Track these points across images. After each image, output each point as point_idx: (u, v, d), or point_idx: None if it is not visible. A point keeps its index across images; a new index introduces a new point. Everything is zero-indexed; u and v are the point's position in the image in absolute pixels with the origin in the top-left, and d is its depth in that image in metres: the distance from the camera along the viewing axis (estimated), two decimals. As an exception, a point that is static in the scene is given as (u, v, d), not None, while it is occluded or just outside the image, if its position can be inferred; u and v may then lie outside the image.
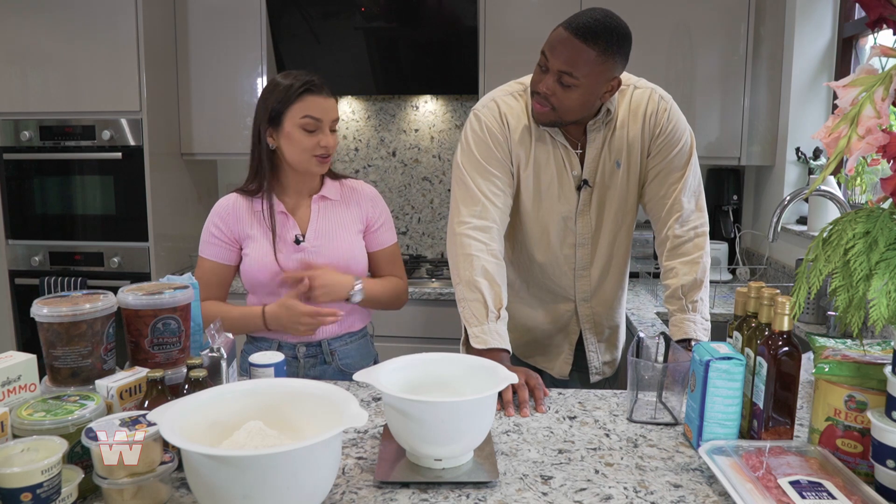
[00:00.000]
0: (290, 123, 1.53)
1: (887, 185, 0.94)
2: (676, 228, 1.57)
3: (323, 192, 1.65)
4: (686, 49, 2.64)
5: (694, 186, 1.59)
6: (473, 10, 2.71)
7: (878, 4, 0.97)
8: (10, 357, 1.07)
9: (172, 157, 2.90)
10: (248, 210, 1.62)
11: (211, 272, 1.63)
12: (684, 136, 1.57)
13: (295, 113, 1.52)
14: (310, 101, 1.52)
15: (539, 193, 1.60)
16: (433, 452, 1.06)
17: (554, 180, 1.59)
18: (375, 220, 1.69)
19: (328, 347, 1.66)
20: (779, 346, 1.09)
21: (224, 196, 1.66)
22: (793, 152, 2.59)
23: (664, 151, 1.57)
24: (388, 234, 1.72)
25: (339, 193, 1.67)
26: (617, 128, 1.57)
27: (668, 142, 1.56)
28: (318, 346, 1.65)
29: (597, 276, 1.69)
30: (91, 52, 2.67)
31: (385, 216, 1.71)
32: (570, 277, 1.68)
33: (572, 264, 1.67)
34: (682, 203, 1.57)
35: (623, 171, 1.59)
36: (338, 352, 1.67)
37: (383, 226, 1.71)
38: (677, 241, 1.58)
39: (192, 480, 0.90)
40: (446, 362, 1.21)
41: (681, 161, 1.57)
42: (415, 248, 3.24)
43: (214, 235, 1.62)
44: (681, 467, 1.10)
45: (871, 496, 0.93)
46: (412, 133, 3.17)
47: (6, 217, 2.82)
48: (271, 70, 2.89)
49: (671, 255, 1.58)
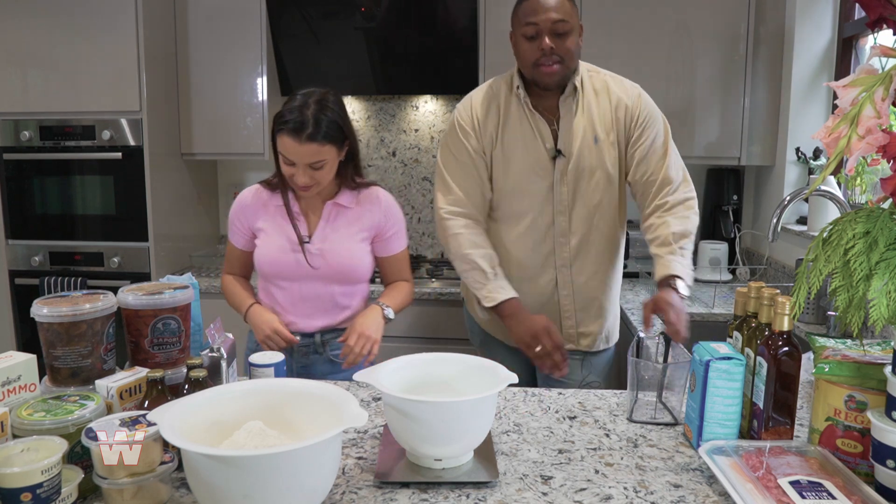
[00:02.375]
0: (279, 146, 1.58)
1: (887, 185, 0.94)
2: (668, 197, 1.69)
3: (337, 199, 1.69)
4: (686, 49, 2.64)
5: (678, 161, 1.73)
6: (473, 10, 2.71)
7: (878, 4, 0.97)
8: (10, 357, 1.07)
9: (172, 157, 2.90)
10: (265, 203, 1.71)
11: (232, 253, 1.80)
12: (659, 116, 1.73)
13: (277, 142, 1.58)
14: (285, 140, 1.55)
15: (512, 167, 1.72)
16: (433, 452, 1.06)
17: (527, 153, 1.71)
18: (388, 229, 1.73)
19: (321, 339, 1.72)
20: (779, 346, 1.09)
21: (248, 187, 1.77)
22: (793, 152, 2.59)
23: (646, 133, 1.70)
24: (399, 241, 1.77)
25: (355, 201, 1.71)
26: (591, 105, 1.70)
27: (647, 123, 1.70)
28: (311, 337, 1.72)
29: (576, 244, 1.75)
30: (91, 52, 2.67)
31: (398, 225, 1.76)
32: (549, 245, 1.76)
33: (552, 232, 1.75)
34: (670, 177, 1.69)
35: (601, 146, 1.70)
36: (329, 343, 1.73)
37: (396, 234, 1.75)
38: (669, 205, 1.69)
39: (192, 480, 0.90)
40: (446, 362, 1.21)
41: (661, 139, 1.71)
42: (415, 248, 3.24)
43: (234, 224, 1.76)
44: (681, 467, 1.10)
45: (871, 496, 0.93)
46: (412, 133, 3.17)
47: (6, 217, 2.81)
48: (271, 70, 2.89)
49: (662, 214, 1.68)
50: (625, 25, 2.63)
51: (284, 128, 1.53)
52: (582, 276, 1.78)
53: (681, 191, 1.70)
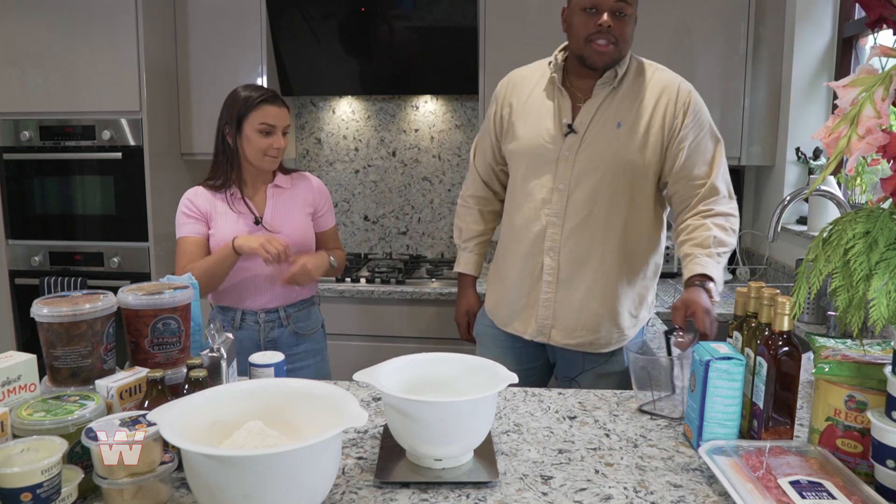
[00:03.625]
0: (250, 128, 1.81)
1: (887, 185, 0.94)
2: (714, 206, 1.63)
3: (276, 182, 1.92)
4: (686, 49, 2.64)
5: (727, 175, 1.67)
6: (473, 10, 2.71)
7: (878, 4, 0.97)
8: (10, 357, 1.07)
9: (172, 157, 2.90)
10: (211, 200, 1.87)
11: (193, 246, 1.83)
12: (708, 121, 1.67)
13: (253, 119, 1.81)
14: (266, 109, 1.81)
15: (525, 135, 1.71)
16: (433, 452, 1.06)
17: (539, 123, 1.69)
18: (321, 206, 1.99)
19: (284, 313, 1.92)
20: (779, 346, 1.09)
21: (189, 189, 1.90)
22: (793, 152, 2.59)
23: (692, 130, 1.63)
24: (331, 217, 2.04)
25: (291, 183, 1.95)
26: (628, 92, 1.64)
27: (695, 121, 1.63)
28: (276, 312, 1.92)
29: (569, 228, 1.65)
30: (91, 52, 2.66)
31: (328, 203, 2.03)
32: (542, 223, 1.67)
33: (547, 210, 1.67)
34: (718, 187, 1.64)
35: (624, 133, 1.62)
36: (292, 316, 1.94)
37: (328, 211, 2.03)
38: (714, 213, 1.62)
39: (192, 480, 0.90)
40: (446, 362, 1.21)
41: (710, 145, 1.65)
42: (415, 247, 3.24)
43: (187, 214, 1.85)
44: (681, 467, 1.10)
45: (871, 496, 0.93)
46: (412, 133, 3.17)
47: (6, 217, 2.81)
48: (271, 70, 2.88)
49: (703, 219, 1.62)
50: (625, 25, 2.63)
51: (262, 99, 1.81)
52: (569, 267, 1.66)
53: (726, 204, 1.64)
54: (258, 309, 1.90)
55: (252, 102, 1.81)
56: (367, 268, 2.87)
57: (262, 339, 1.91)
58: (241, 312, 1.90)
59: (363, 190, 3.24)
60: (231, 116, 1.82)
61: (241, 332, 1.89)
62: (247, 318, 1.90)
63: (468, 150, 3.11)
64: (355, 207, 3.25)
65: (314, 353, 2.01)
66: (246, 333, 1.90)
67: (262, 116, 1.80)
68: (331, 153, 3.23)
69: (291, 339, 1.95)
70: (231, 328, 1.89)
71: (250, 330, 1.91)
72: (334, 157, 3.23)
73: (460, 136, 3.13)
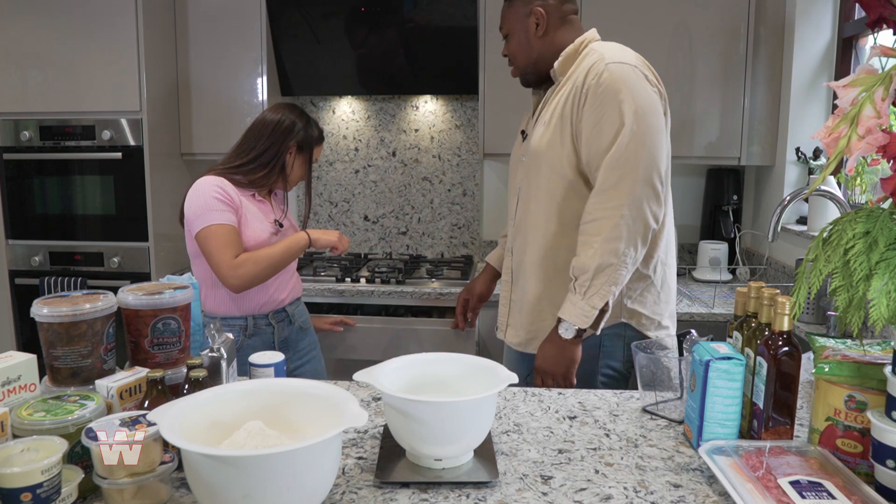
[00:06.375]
0: (307, 157, 1.97)
1: (887, 185, 0.94)
2: (588, 210, 1.51)
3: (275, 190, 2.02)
4: (686, 49, 2.64)
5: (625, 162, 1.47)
6: (473, 10, 2.71)
7: (878, 4, 0.97)
8: (10, 357, 1.07)
9: (172, 157, 2.90)
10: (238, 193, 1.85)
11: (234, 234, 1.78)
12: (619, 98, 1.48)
13: (315, 152, 1.99)
14: (321, 148, 2.03)
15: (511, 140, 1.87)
16: (433, 452, 1.06)
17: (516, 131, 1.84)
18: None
19: (291, 311, 1.99)
20: (779, 346, 1.09)
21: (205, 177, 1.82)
22: (793, 152, 2.59)
23: (596, 112, 1.50)
24: None
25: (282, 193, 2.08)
26: (563, 87, 1.63)
27: (598, 101, 1.50)
28: (283, 312, 1.97)
29: (515, 228, 1.74)
30: (91, 52, 2.66)
31: None
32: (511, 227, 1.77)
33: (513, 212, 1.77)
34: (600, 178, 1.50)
35: (552, 128, 1.59)
36: (295, 313, 2.01)
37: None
38: (585, 217, 1.52)
39: (192, 480, 0.90)
40: (446, 362, 1.21)
41: (612, 124, 1.48)
42: (415, 248, 3.23)
43: (221, 200, 1.78)
44: (681, 467, 1.10)
45: (871, 496, 0.93)
46: (412, 133, 3.17)
47: (6, 217, 2.81)
48: (271, 70, 2.89)
49: (580, 231, 1.53)
50: (625, 25, 2.63)
51: (320, 139, 1.99)
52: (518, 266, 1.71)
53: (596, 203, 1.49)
54: (268, 311, 1.92)
55: (320, 138, 2.00)
56: (367, 268, 2.87)
57: (277, 340, 1.94)
58: (251, 319, 1.89)
59: (363, 190, 3.24)
60: (303, 141, 1.92)
61: (254, 340, 1.88)
62: (259, 323, 1.91)
63: (468, 150, 3.11)
64: (355, 207, 3.25)
65: (314, 345, 2.10)
66: (260, 339, 1.89)
67: (319, 153, 2.01)
68: (331, 153, 3.23)
69: (298, 335, 2.02)
70: (243, 336, 1.87)
71: (264, 334, 1.92)
72: (334, 157, 3.23)
73: (460, 136, 3.13)
